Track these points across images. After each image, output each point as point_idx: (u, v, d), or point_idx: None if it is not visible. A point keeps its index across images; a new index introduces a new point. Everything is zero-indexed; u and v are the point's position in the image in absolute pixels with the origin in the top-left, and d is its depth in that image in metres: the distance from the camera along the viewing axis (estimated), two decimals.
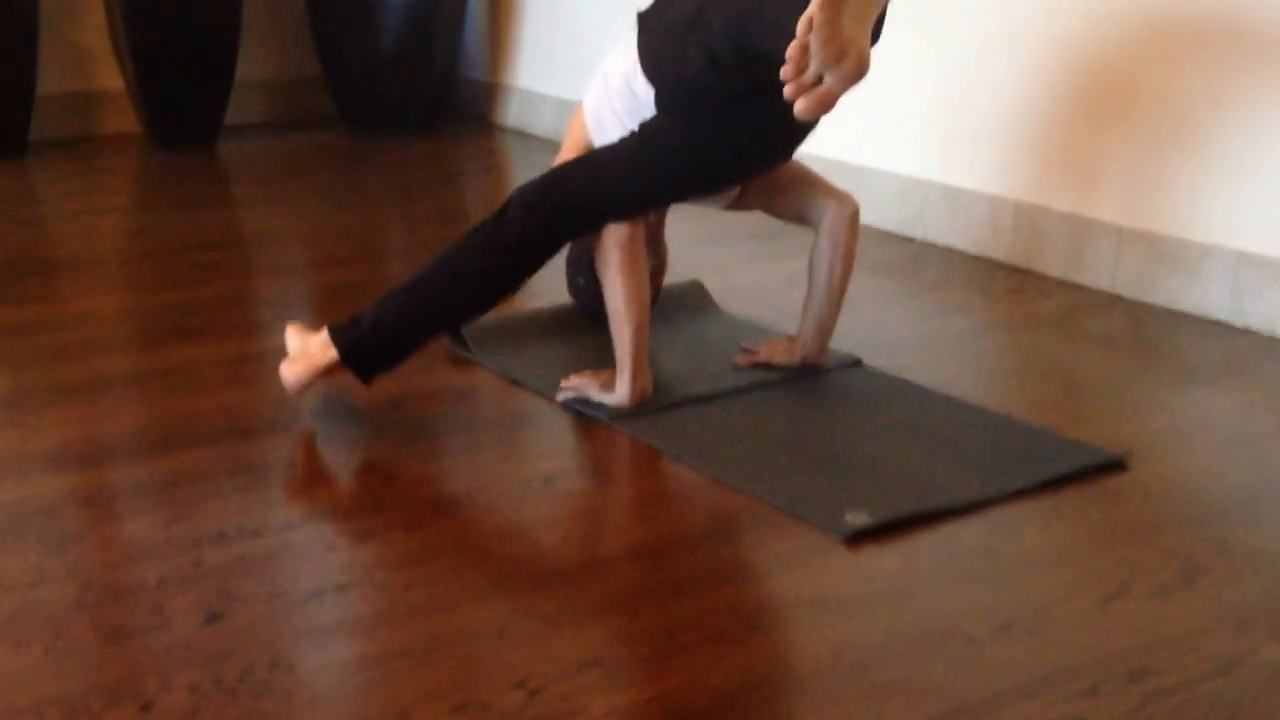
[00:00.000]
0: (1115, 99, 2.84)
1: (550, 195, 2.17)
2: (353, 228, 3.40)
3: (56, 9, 4.37)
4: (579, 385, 2.27)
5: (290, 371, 2.21)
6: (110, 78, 4.51)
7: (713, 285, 2.83)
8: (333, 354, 2.18)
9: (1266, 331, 2.63)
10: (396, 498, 1.94)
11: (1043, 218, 2.98)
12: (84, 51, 4.47)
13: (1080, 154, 2.92)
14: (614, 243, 2.18)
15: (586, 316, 2.56)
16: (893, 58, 3.28)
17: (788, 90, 1.65)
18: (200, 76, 4.30)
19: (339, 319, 2.22)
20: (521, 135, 4.61)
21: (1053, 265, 2.98)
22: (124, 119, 4.55)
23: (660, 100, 2.17)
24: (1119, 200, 2.85)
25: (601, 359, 2.35)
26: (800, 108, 1.65)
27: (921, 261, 3.11)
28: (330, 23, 4.50)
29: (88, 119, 4.52)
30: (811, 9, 1.61)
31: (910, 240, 3.27)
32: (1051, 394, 2.34)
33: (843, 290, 2.37)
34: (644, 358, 2.22)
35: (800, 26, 1.61)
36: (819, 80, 1.63)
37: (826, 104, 1.65)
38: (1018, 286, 2.93)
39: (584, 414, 2.23)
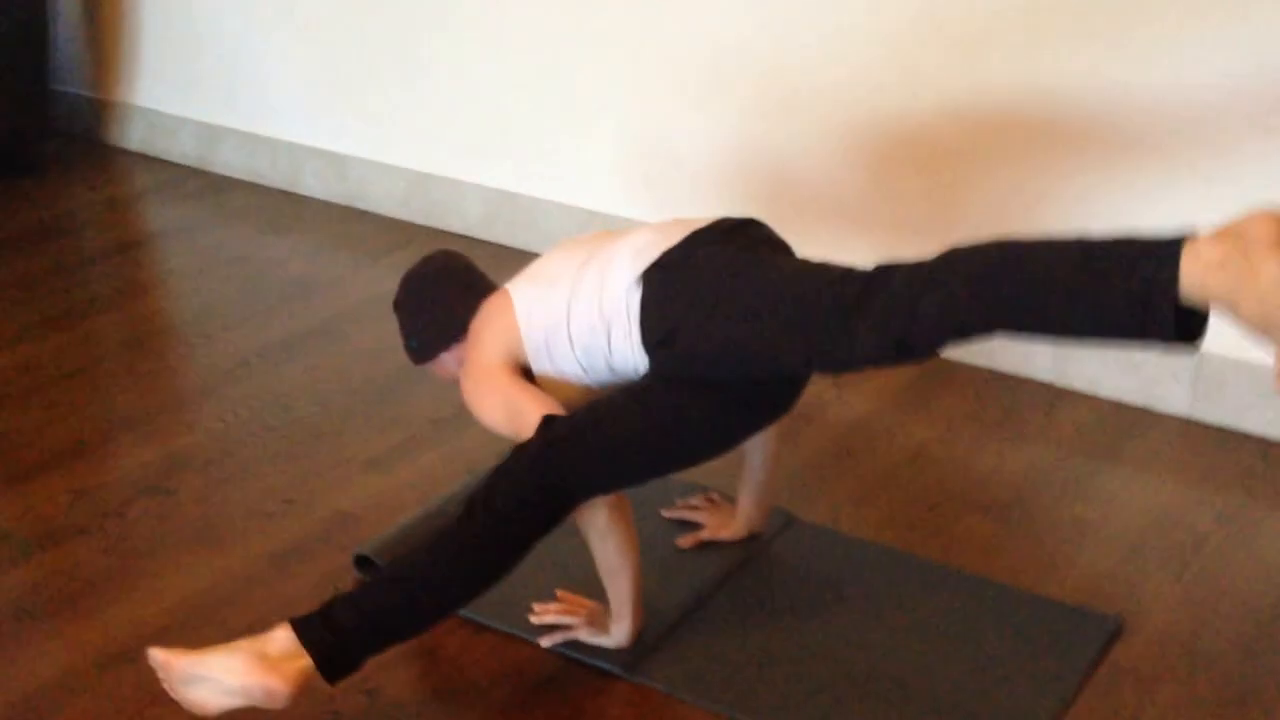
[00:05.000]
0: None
1: (546, 481, 1.90)
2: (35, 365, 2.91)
3: None
4: (564, 626, 2.10)
5: (210, 696, 1.82)
6: None
7: None
8: (303, 664, 1.84)
9: (1089, 392, 2.83)
10: None
11: None
12: None
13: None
14: (603, 503, 1.98)
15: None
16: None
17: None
18: None
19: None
20: (155, 161, 4.06)
21: None
22: None
23: (665, 367, 1.96)
24: None
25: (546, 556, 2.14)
26: None
27: None
28: None
29: None
30: None
31: None
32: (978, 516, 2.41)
33: (777, 459, 2.30)
34: (640, 600, 2.07)
35: None
36: None
37: None
38: None
39: (583, 662, 2.06)
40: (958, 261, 1.74)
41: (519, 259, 3.40)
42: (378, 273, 3.36)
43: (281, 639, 1.84)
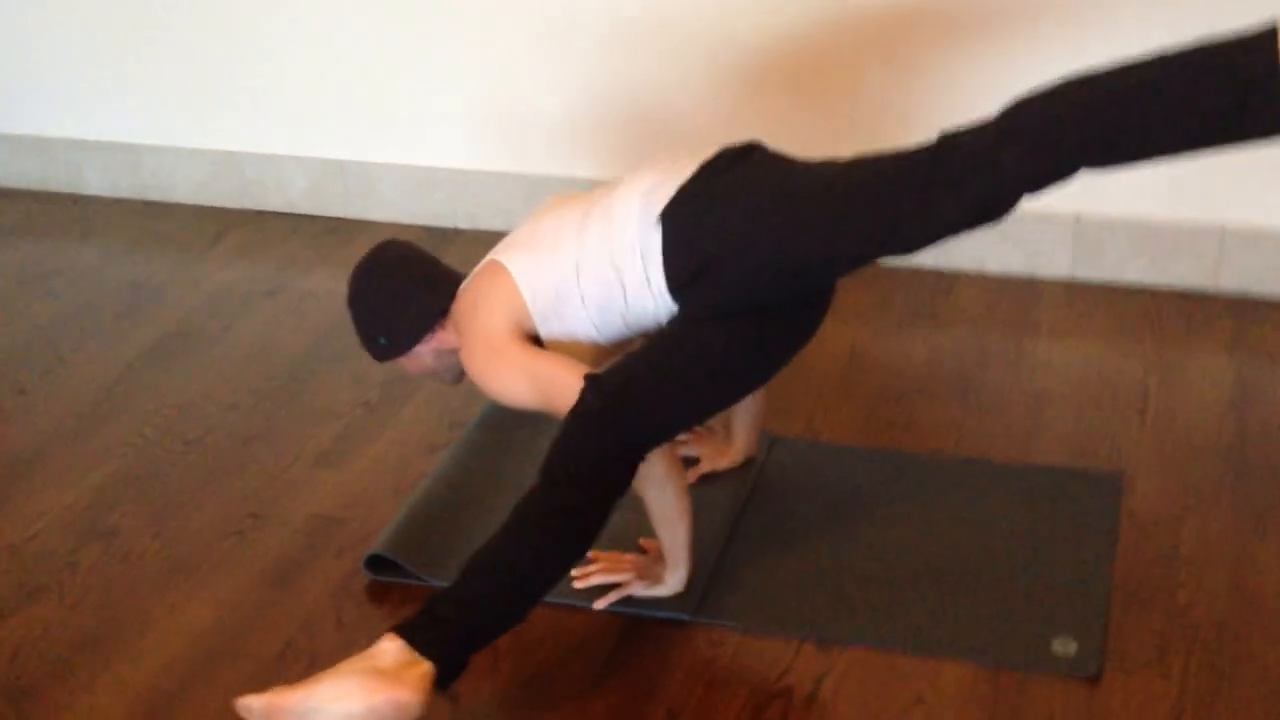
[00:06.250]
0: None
1: (617, 436, 1.83)
2: None
3: None
4: (615, 585, 2.03)
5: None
6: None
7: None
8: (423, 669, 1.71)
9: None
10: None
11: None
12: None
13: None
14: (658, 453, 1.92)
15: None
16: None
17: None
18: None
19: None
20: None
21: None
22: None
23: (698, 304, 1.91)
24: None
25: None
26: None
27: None
28: None
29: None
30: None
31: None
32: (945, 403, 2.47)
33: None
34: (693, 544, 2.04)
35: None
36: None
37: None
38: None
39: (645, 616, 2.01)
40: (1034, 107, 1.72)
41: (359, 230, 3.25)
42: (211, 266, 3.12)
43: (391, 650, 1.70)
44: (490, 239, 3.12)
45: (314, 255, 3.12)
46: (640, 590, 2.03)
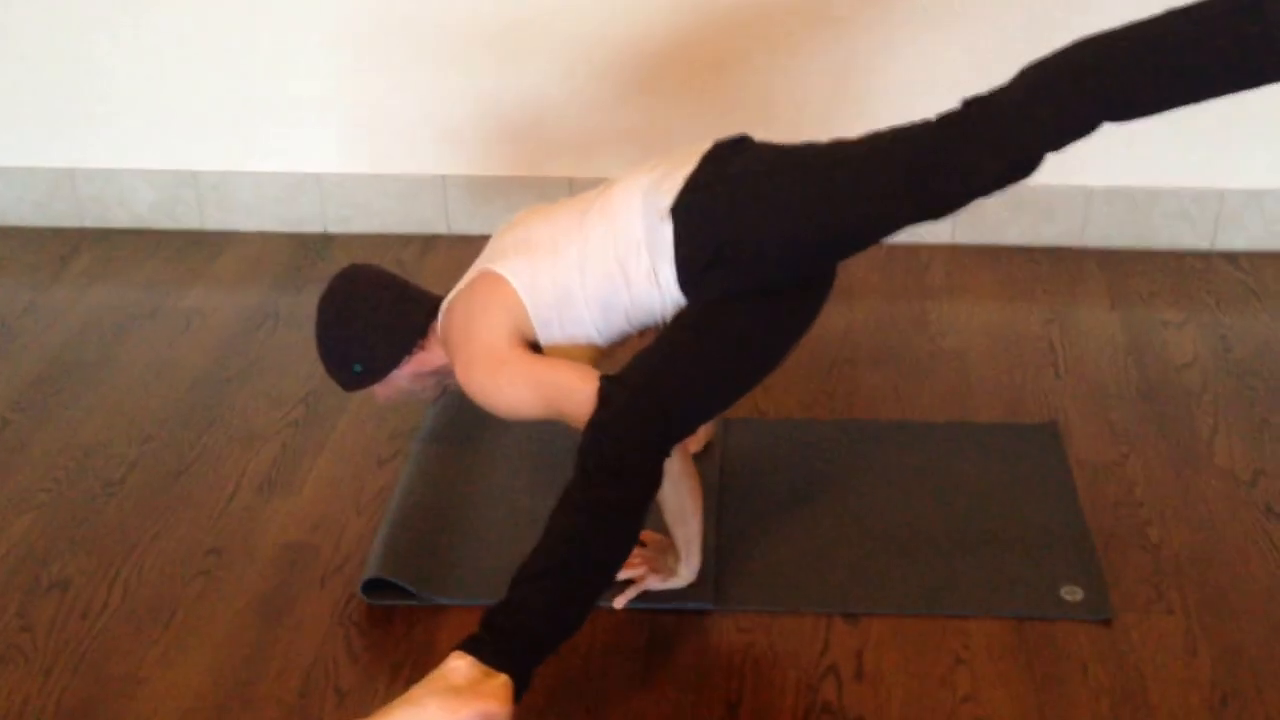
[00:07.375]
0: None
1: (649, 429, 1.81)
2: None
3: None
4: (630, 581, 2.01)
5: None
6: None
7: None
8: (501, 680, 1.67)
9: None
10: None
11: None
12: None
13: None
14: (674, 449, 1.90)
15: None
16: None
17: None
18: None
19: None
20: None
21: None
22: None
23: (714, 290, 1.90)
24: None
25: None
26: None
27: None
28: None
29: None
30: None
31: None
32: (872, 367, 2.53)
33: None
34: (705, 536, 2.04)
35: None
36: None
37: None
38: None
39: (667, 609, 1.99)
40: (1057, 66, 1.78)
41: (225, 242, 3.09)
42: (68, 291, 2.90)
43: (462, 668, 1.66)
44: (368, 242, 3.06)
45: (184, 271, 2.95)
46: (655, 584, 2.02)
